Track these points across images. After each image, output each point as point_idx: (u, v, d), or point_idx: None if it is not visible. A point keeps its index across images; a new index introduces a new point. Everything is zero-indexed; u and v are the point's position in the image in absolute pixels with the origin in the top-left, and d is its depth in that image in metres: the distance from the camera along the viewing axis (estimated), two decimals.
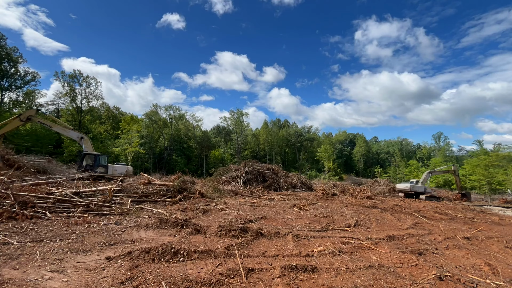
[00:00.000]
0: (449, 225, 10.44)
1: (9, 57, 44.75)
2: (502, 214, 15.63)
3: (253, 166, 23.60)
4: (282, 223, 8.65)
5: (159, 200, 11.13)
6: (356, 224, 9.06)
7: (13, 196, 7.59)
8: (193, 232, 6.57)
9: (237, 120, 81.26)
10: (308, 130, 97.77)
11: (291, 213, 10.89)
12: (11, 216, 6.72)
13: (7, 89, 46.86)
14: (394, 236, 7.51)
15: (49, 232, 5.92)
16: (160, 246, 5.00)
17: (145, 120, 66.75)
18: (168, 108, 71.17)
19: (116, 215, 8.14)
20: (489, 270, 5.30)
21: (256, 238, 6.43)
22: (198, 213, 9.38)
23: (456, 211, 14.97)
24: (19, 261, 4.23)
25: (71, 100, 56.01)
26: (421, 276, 4.60)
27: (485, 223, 11.49)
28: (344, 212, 11.57)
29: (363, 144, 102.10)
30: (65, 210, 7.97)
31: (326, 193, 19.05)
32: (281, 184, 22.46)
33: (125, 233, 6.29)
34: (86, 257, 4.60)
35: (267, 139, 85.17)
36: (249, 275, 4.20)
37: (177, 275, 4.02)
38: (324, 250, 5.71)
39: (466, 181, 47.15)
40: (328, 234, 7.47)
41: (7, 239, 5.17)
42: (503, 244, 7.68)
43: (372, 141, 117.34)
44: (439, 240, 7.56)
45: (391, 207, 14.73)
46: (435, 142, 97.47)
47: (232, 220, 8.28)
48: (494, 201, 26.95)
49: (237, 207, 11.43)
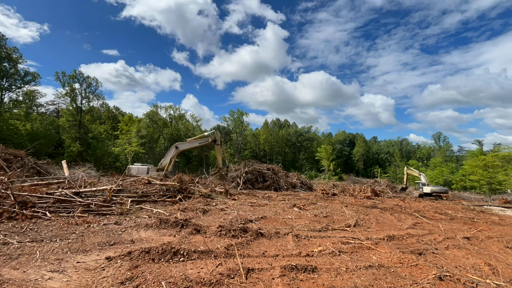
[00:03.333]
0: (449, 225, 10.44)
1: (9, 57, 44.72)
2: (502, 214, 15.62)
3: (253, 166, 23.61)
4: (282, 223, 8.64)
5: (159, 200, 11.13)
6: (356, 224, 9.06)
7: (13, 196, 7.58)
8: (193, 232, 6.57)
9: (237, 120, 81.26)
10: (308, 130, 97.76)
11: (291, 213, 10.88)
12: (11, 216, 6.72)
13: (7, 89, 46.82)
14: (394, 236, 7.51)
15: (49, 232, 5.92)
16: (160, 246, 5.00)
17: (145, 120, 66.73)
18: (168, 108, 71.25)
19: (116, 215, 8.14)
20: (489, 270, 5.30)
21: (256, 238, 6.43)
22: (198, 213, 9.38)
23: (456, 211, 14.96)
24: (19, 261, 4.23)
25: (71, 100, 55.98)
26: (421, 276, 4.60)
27: (485, 223, 11.48)
28: (344, 212, 11.57)
29: (362, 144, 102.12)
30: (65, 210, 7.96)
31: (326, 193, 19.06)
32: (281, 184, 22.45)
33: (125, 233, 6.29)
34: (86, 257, 4.60)
35: (267, 139, 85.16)
36: (249, 275, 4.20)
37: (177, 275, 4.02)
38: (324, 250, 5.70)
39: (466, 181, 47.11)
40: (328, 234, 7.47)
41: (7, 239, 5.17)
42: (503, 244, 7.68)
43: (371, 141, 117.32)
44: (439, 240, 7.56)
45: (391, 207, 14.73)
46: (435, 142, 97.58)
47: (232, 220, 8.28)
48: (494, 201, 26.94)
49: (237, 207, 11.43)
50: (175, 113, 72.01)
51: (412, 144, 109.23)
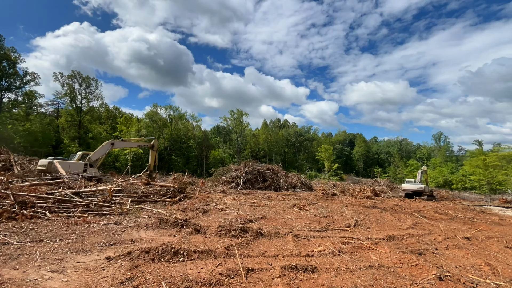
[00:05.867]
0: (449, 225, 10.44)
1: (8, 57, 44.65)
2: (502, 214, 15.63)
3: (253, 166, 23.61)
4: (282, 223, 8.64)
5: (159, 200, 11.13)
6: (356, 224, 9.06)
7: (13, 196, 7.58)
8: (193, 232, 6.57)
9: (237, 120, 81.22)
10: (308, 130, 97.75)
11: (291, 213, 10.88)
12: (11, 216, 6.71)
13: (7, 90, 46.75)
14: (394, 236, 7.51)
15: (49, 232, 5.92)
16: (160, 246, 4.99)
17: (145, 120, 66.69)
18: (168, 108, 71.23)
19: (116, 215, 8.13)
20: (489, 270, 5.30)
21: (256, 238, 6.43)
22: (198, 213, 9.37)
23: (456, 211, 14.97)
24: (19, 261, 4.23)
25: (71, 100, 55.93)
26: (421, 276, 4.60)
27: (485, 223, 11.49)
28: (344, 212, 11.57)
29: (362, 144, 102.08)
30: (65, 210, 7.96)
31: (326, 193, 19.06)
32: (281, 184, 22.45)
33: (125, 233, 6.29)
34: (86, 257, 4.60)
35: (266, 139, 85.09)
36: (249, 275, 4.20)
37: (177, 275, 4.01)
38: (324, 250, 5.70)
39: (466, 181, 47.10)
40: (328, 234, 7.47)
41: (7, 239, 5.17)
42: (503, 244, 7.68)
43: (372, 141, 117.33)
44: (439, 240, 7.56)
45: (391, 207, 14.73)
46: (435, 142, 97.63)
47: (232, 220, 8.28)
48: (494, 201, 26.96)
49: (237, 207, 11.43)
50: (175, 113, 72.01)
51: (412, 144, 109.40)
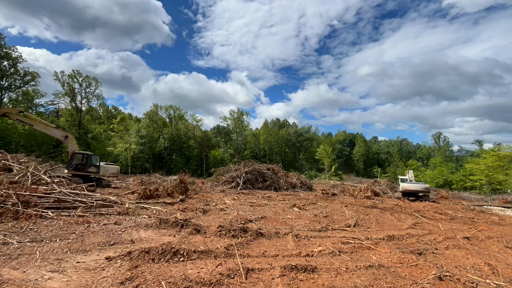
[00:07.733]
0: (449, 225, 10.44)
1: (8, 56, 44.65)
2: (502, 214, 15.63)
3: (253, 166, 23.60)
4: (282, 223, 8.64)
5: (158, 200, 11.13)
6: (356, 224, 9.06)
7: (16, 195, 7.59)
8: (193, 232, 6.56)
9: (237, 120, 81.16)
10: (308, 130, 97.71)
11: (291, 213, 10.88)
12: (14, 215, 6.71)
13: (7, 89, 46.75)
14: (394, 236, 7.51)
15: (49, 232, 5.92)
16: (160, 246, 4.99)
17: (145, 120, 66.67)
18: (168, 108, 71.15)
19: (116, 215, 8.13)
20: (489, 270, 5.30)
21: (256, 238, 6.43)
22: (198, 213, 9.37)
23: (456, 211, 14.97)
24: (19, 261, 4.23)
25: (71, 100, 55.93)
26: (421, 276, 4.60)
27: (485, 223, 11.48)
28: (344, 212, 11.57)
29: (362, 144, 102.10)
30: (65, 210, 7.96)
31: (326, 193, 19.05)
32: (281, 184, 22.45)
33: (125, 233, 6.29)
34: (86, 257, 4.59)
35: (267, 139, 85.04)
36: (249, 275, 4.20)
37: (177, 275, 4.01)
38: (324, 250, 5.70)
39: (466, 181, 47.03)
40: (328, 234, 7.47)
41: (7, 239, 5.17)
42: (503, 244, 7.67)
43: (372, 141, 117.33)
44: (439, 240, 7.55)
45: (391, 207, 14.73)
46: (435, 142, 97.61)
47: (232, 220, 8.27)
48: (494, 201, 26.95)
49: (237, 207, 11.43)
50: (175, 113, 71.97)
51: (412, 144, 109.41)
